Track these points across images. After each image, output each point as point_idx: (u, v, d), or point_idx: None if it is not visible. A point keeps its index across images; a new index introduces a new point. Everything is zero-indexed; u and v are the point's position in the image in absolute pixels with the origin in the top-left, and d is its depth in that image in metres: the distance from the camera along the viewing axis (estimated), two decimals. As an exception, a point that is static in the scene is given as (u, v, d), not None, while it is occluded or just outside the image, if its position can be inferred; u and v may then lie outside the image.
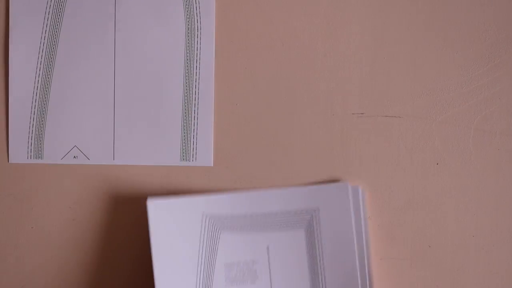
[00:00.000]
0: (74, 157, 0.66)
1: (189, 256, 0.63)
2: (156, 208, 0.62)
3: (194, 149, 0.65)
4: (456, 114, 0.65)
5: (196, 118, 0.65)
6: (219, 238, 0.63)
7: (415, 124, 0.65)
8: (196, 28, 0.66)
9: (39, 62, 0.66)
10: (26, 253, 0.67)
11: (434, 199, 0.65)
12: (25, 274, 0.67)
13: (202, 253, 0.63)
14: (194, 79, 0.66)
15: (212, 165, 0.66)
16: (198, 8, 0.66)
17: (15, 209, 0.67)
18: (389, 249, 0.65)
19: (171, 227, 0.63)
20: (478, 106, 0.65)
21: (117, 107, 0.66)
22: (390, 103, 0.65)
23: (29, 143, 0.66)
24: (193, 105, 0.65)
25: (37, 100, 0.66)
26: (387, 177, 0.65)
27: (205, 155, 0.66)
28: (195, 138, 0.65)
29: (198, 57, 0.66)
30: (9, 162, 0.66)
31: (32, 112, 0.66)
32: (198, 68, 0.66)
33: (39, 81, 0.66)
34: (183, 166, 0.66)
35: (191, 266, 0.63)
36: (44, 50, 0.66)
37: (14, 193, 0.67)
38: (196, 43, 0.66)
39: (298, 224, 0.63)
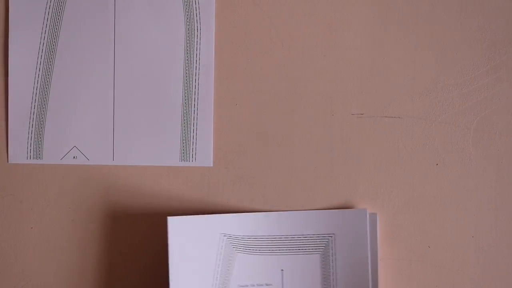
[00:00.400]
0: (74, 157, 0.66)
1: (205, 274, 0.63)
2: (175, 226, 0.62)
3: (194, 149, 0.65)
4: (456, 115, 0.65)
5: (195, 119, 0.65)
6: (235, 258, 0.63)
7: (415, 124, 0.65)
8: (196, 28, 0.65)
9: (38, 62, 0.66)
10: (26, 253, 0.67)
11: (434, 199, 0.65)
12: (25, 274, 0.67)
13: (217, 273, 0.63)
14: (194, 79, 0.65)
15: (211, 165, 0.66)
16: (198, 8, 0.66)
17: (14, 209, 0.67)
18: (389, 249, 0.65)
19: (189, 245, 0.63)
20: (478, 106, 0.65)
21: (117, 107, 0.66)
22: (390, 103, 0.65)
23: (29, 144, 0.66)
24: (193, 105, 0.65)
25: (36, 100, 0.66)
26: (387, 177, 0.65)
27: (204, 155, 0.66)
28: (194, 138, 0.65)
29: (197, 57, 0.65)
30: (9, 162, 0.66)
31: (32, 113, 0.66)
32: (197, 68, 0.65)
33: (39, 81, 0.66)
34: (182, 166, 0.66)
35: (205, 285, 0.63)
36: (44, 50, 0.66)
37: (13, 193, 0.67)
38: (196, 43, 0.65)
39: (313, 248, 0.63)
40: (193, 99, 0.65)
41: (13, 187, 0.67)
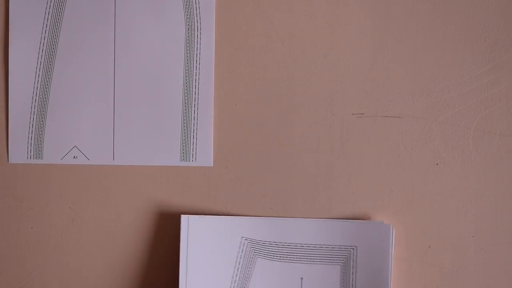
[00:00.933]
0: (74, 157, 0.66)
1: (222, 277, 0.63)
2: (191, 225, 0.62)
3: (194, 149, 0.65)
4: (456, 114, 0.65)
5: (196, 118, 0.65)
6: (255, 263, 0.63)
7: (415, 124, 0.65)
8: (196, 27, 0.66)
9: (39, 62, 0.66)
10: (26, 253, 0.67)
11: (434, 199, 0.65)
12: (25, 274, 0.67)
13: (236, 276, 0.63)
14: (194, 79, 0.66)
15: (211, 165, 0.66)
16: (198, 8, 0.66)
17: (15, 209, 0.67)
18: (389, 249, 0.65)
19: (206, 247, 0.63)
20: (478, 106, 0.65)
21: (117, 107, 0.66)
22: (390, 103, 0.65)
23: (29, 143, 0.66)
24: (193, 105, 0.65)
25: (37, 100, 0.66)
26: (387, 177, 0.65)
27: (204, 155, 0.66)
28: (195, 138, 0.65)
29: (198, 57, 0.65)
30: (9, 162, 0.66)
31: (32, 112, 0.66)
32: (198, 68, 0.66)
33: (39, 81, 0.66)
34: (183, 166, 0.66)
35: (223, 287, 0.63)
36: (44, 50, 0.66)
37: (14, 193, 0.67)
38: (196, 43, 0.66)
39: (334, 259, 0.63)
40: (193, 99, 0.65)
41: (13, 187, 0.67)
